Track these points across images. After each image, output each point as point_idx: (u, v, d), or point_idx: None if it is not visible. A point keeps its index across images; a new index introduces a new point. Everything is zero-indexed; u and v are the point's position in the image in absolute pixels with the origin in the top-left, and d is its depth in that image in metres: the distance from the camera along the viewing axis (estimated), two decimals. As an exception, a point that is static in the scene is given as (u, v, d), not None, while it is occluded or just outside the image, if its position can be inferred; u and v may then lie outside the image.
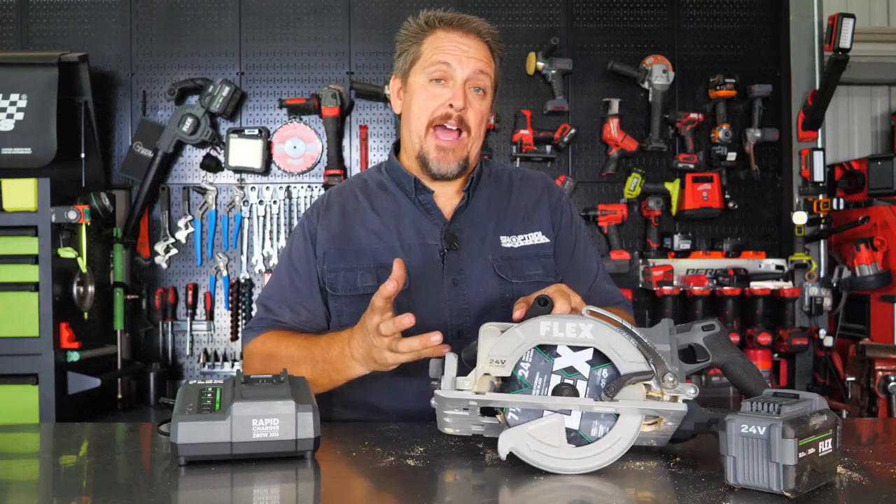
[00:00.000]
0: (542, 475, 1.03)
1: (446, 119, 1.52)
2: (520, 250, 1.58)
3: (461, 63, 1.51)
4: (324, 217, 1.62)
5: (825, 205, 3.29)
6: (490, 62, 1.56)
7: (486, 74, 1.54)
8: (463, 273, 1.55)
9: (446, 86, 1.52)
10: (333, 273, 1.56)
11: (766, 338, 3.17)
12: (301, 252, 1.61)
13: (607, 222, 3.35)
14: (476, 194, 1.63)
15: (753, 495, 0.93)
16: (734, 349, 1.18)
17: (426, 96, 1.53)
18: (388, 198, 1.62)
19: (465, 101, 1.51)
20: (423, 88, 1.54)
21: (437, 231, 1.58)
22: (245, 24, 3.38)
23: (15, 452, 1.28)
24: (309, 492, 1.04)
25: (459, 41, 1.53)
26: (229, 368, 3.30)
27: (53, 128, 2.83)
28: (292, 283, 1.59)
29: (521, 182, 1.69)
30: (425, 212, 1.59)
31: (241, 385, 1.11)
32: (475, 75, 1.52)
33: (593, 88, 3.44)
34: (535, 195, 1.66)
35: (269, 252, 3.33)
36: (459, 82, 1.52)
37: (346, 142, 3.39)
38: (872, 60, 3.75)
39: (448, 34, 1.54)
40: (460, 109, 1.51)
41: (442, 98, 1.52)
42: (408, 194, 1.61)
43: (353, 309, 1.52)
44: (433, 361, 1.15)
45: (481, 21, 1.58)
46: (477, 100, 1.54)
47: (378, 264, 1.54)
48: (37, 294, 2.54)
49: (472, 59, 1.52)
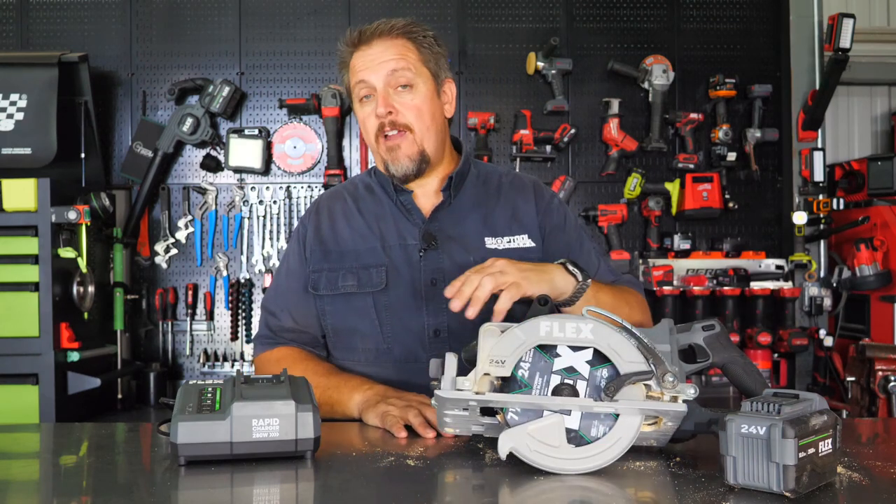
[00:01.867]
0: (542, 475, 1.03)
1: (382, 130, 1.56)
2: (504, 252, 1.57)
3: (373, 72, 1.55)
4: (313, 220, 1.67)
5: (825, 205, 3.29)
6: (406, 52, 1.56)
7: (402, 68, 1.54)
8: (442, 272, 1.55)
9: (372, 101, 1.56)
10: (317, 273, 1.61)
11: (766, 338, 3.17)
12: (295, 255, 1.67)
13: (607, 222, 3.35)
14: (461, 194, 1.64)
15: (753, 495, 0.93)
16: (734, 349, 1.18)
17: (363, 117, 1.60)
18: (373, 200, 1.66)
19: (387, 105, 1.54)
20: (359, 110, 1.60)
21: (416, 231, 1.60)
22: (245, 24, 3.38)
23: (15, 452, 1.28)
24: (309, 492, 1.04)
25: (367, 54, 1.56)
26: (229, 368, 3.30)
27: (53, 128, 2.83)
28: (290, 288, 1.65)
29: (510, 185, 1.68)
30: (406, 212, 1.62)
31: (241, 385, 1.11)
32: (389, 76, 1.54)
33: (593, 88, 3.44)
34: (523, 199, 1.66)
35: (269, 252, 3.33)
36: (379, 90, 1.55)
37: (346, 142, 3.39)
38: (872, 60, 3.75)
39: (358, 53, 1.58)
40: (385, 115, 1.54)
41: (372, 112, 1.56)
42: (390, 196, 1.64)
43: (334, 308, 1.59)
44: (433, 361, 1.15)
45: (383, 21, 1.58)
46: (405, 95, 1.55)
47: (360, 265, 1.58)
48: (37, 294, 2.54)
49: (381, 62, 1.54)
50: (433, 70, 1.60)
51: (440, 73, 1.62)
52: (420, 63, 1.57)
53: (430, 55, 1.59)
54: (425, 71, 1.58)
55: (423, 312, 1.54)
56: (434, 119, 1.59)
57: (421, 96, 1.56)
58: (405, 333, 1.55)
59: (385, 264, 1.57)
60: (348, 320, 1.58)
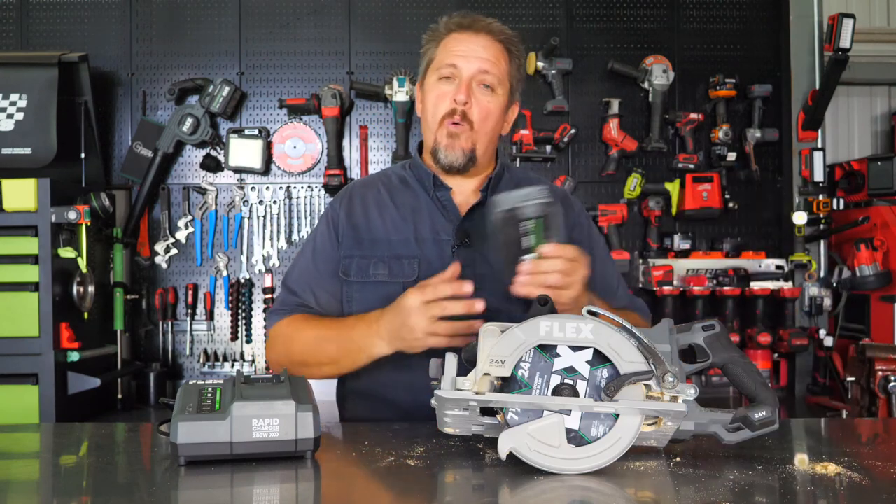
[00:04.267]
0: (542, 475, 1.03)
1: (452, 115, 1.59)
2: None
3: (467, 61, 1.59)
4: (346, 205, 1.69)
5: (825, 205, 3.29)
6: (500, 60, 1.61)
7: (493, 72, 1.59)
8: (473, 270, 1.56)
9: (452, 83, 1.60)
10: (348, 259, 1.63)
11: (766, 338, 3.17)
12: (325, 237, 1.68)
13: (607, 222, 3.35)
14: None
15: (753, 495, 0.93)
16: (734, 349, 1.18)
17: (436, 94, 1.62)
18: (408, 193, 1.68)
19: (467, 96, 1.57)
20: (434, 87, 1.63)
21: (450, 227, 1.62)
22: (245, 24, 3.38)
23: (15, 452, 1.28)
24: (309, 492, 1.04)
25: (469, 42, 1.60)
26: (229, 368, 3.30)
27: (53, 128, 2.83)
28: (316, 267, 1.66)
29: None
30: (442, 208, 1.64)
31: (241, 385, 1.11)
32: (480, 73, 1.59)
33: (593, 88, 3.44)
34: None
35: (269, 252, 3.33)
36: (465, 79, 1.58)
37: (346, 142, 3.39)
38: (872, 60, 3.74)
39: (460, 36, 1.61)
40: (462, 103, 1.57)
41: (449, 95, 1.59)
42: (427, 190, 1.66)
43: (362, 295, 1.60)
44: (433, 361, 1.15)
45: (494, 21, 1.63)
46: (483, 95, 1.60)
47: (392, 255, 1.61)
48: (37, 294, 2.54)
49: (479, 57, 1.59)
50: (513, 87, 1.66)
51: (515, 94, 1.68)
52: (506, 76, 1.63)
53: (516, 74, 1.65)
54: (507, 84, 1.64)
55: None
56: (495, 128, 1.64)
57: (496, 102, 1.61)
58: None
59: (418, 256, 1.60)
60: (376, 308, 1.56)
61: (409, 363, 1.49)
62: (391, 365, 1.52)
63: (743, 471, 1.06)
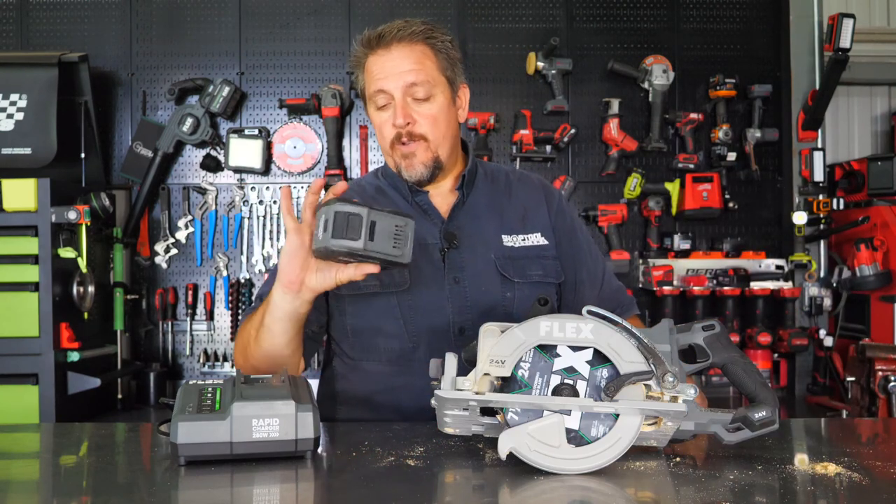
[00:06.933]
0: (542, 475, 1.03)
1: (399, 139, 1.55)
2: (520, 250, 1.60)
3: (391, 81, 1.53)
4: None
5: (825, 205, 3.29)
6: (424, 61, 1.54)
7: (421, 80, 1.52)
8: (464, 271, 1.57)
9: (389, 108, 1.55)
10: None
11: (766, 338, 3.17)
12: None
13: (607, 222, 3.35)
14: (474, 192, 1.66)
15: (753, 495, 0.93)
16: (734, 349, 1.18)
17: (379, 123, 1.58)
18: (386, 201, 1.64)
19: (405, 116, 1.52)
20: (375, 116, 1.59)
21: (435, 230, 1.60)
22: (245, 24, 3.38)
23: (15, 452, 1.28)
24: (309, 492, 1.04)
25: (385, 60, 1.54)
26: (229, 368, 3.30)
27: (53, 128, 2.83)
28: None
29: (518, 182, 1.71)
30: (423, 212, 1.61)
31: (241, 385, 1.11)
32: (408, 88, 1.53)
33: (593, 88, 3.44)
34: (533, 197, 1.68)
35: (269, 252, 3.33)
36: (398, 101, 1.53)
37: (346, 142, 3.39)
38: (872, 60, 3.74)
39: (376, 57, 1.55)
40: (404, 126, 1.53)
41: (388, 121, 1.55)
42: (405, 197, 1.63)
43: (355, 308, 1.58)
44: (433, 361, 1.15)
45: (402, 24, 1.56)
46: (422, 106, 1.54)
47: None
48: (37, 294, 2.54)
49: (400, 72, 1.52)
50: (450, 77, 1.59)
51: (456, 80, 1.61)
52: (438, 72, 1.56)
53: (447, 62, 1.58)
54: (442, 80, 1.57)
55: (448, 311, 1.55)
56: (449, 127, 1.59)
57: (438, 106, 1.55)
58: (430, 332, 1.54)
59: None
60: (371, 320, 1.57)
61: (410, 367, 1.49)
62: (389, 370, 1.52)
63: (743, 471, 1.06)
